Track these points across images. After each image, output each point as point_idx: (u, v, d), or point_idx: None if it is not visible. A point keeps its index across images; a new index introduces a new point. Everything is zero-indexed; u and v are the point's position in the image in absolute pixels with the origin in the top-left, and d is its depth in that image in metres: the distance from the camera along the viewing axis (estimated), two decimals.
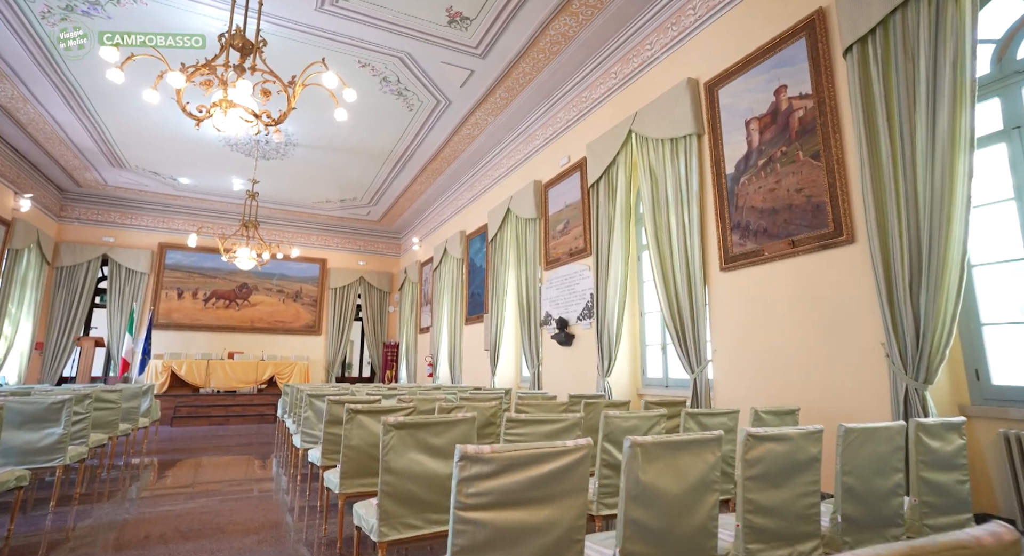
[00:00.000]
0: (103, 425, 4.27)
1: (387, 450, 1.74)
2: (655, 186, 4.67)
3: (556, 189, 6.48)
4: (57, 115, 7.31)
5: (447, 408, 2.61)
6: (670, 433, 2.24)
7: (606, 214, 5.34)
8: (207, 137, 7.93)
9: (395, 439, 1.75)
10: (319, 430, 3.91)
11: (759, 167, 3.68)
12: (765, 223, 3.60)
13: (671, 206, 4.46)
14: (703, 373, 4.01)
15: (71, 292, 10.19)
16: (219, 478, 4.58)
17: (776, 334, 3.53)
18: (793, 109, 3.43)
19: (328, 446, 3.16)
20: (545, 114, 6.75)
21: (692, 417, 2.28)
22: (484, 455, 1.10)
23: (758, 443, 1.44)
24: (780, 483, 1.47)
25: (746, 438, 1.44)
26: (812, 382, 3.24)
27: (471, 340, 8.59)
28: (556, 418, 2.00)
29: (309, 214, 11.92)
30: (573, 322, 5.89)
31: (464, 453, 1.08)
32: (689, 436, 1.35)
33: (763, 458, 1.44)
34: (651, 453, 1.29)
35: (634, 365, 5.38)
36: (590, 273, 5.69)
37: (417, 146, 8.25)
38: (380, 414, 2.47)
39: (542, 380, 6.39)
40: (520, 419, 1.95)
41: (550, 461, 1.17)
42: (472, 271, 8.80)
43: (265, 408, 9.47)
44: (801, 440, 1.51)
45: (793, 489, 1.50)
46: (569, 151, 6.32)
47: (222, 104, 3.24)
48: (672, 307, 4.33)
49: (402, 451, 1.76)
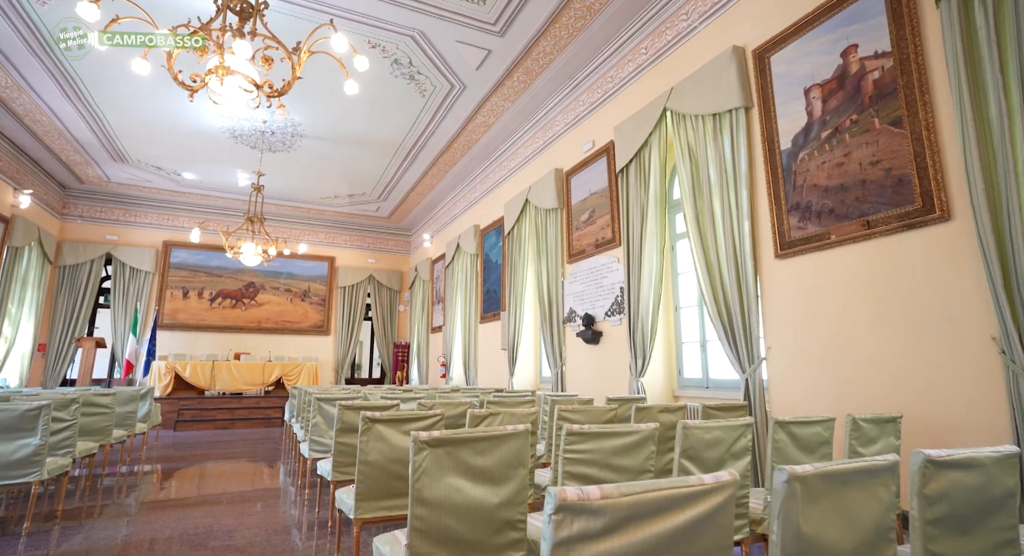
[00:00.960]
0: (94, 432, 3.91)
1: (419, 474, 1.35)
2: (695, 168, 4.25)
3: (579, 177, 6.06)
4: (54, 104, 6.99)
5: (479, 415, 2.22)
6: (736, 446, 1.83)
7: (637, 201, 4.92)
8: (210, 127, 7.60)
9: (429, 460, 1.35)
10: (329, 438, 3.52)
11: (822, 140, 3.25)
12: (831, 202, 3.17)
13: (714, 189, 4.03)
14: (756, 373, 3.58)
15: (74, 292, 9.91)
16: (220, 489, 4.21)
17: (845, 328, 3.10)
18: (866, 71, 3.00)
19: (340, 458, 2.77)
20: (567, 97, 6.33)
21: (782, 427, 1.87)
22: (592, 502, 0.70)
23: (939, 471, 1.03)
24: (969, 528, 1.06)
25: (924, 465, 1.03)
26: (896, 384, 2.80)
27: (487, 339, 8.19)
28: (623, 430, 1.60)
29: (317, 210, 11.58)
30: (600, 318, 5.48)
31: (562, 501, 0.68)
32: (856, 464, 0.94)
33: (947, 493, 1.03)
34: (813, 489, 0.88)
35: (669, 364, 4.96)
36: (619, 265, 5.27)
37: (429, 136, 7.86)
38: (403, 423, 2.07)
39: (565, 381, 5.98)
40: (582, 431, 1.55)
41: (686, 506, 0.76)
42: (487, 267, 8.40)
43: (272, 411, 9.13)
44: (995, 467, 1.09)
45: (987, 536, 1.08)
46: (594, 136, 5.91)
47: (218, 71, 2.87)
48: (718, 301, 3.90)
49: (438, 475, 1.36)
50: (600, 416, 2.46)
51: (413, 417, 2.09)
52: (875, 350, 2.92)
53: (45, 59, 6.04)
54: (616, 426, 1.59)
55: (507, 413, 2.26)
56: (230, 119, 7.37)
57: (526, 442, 1.46)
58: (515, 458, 1.45)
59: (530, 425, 1.49)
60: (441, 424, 2.12)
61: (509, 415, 2.26)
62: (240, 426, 8.61)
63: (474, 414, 2.20)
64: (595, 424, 2.41)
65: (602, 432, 1.57)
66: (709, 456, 1.68)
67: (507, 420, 2.26)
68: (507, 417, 2.25)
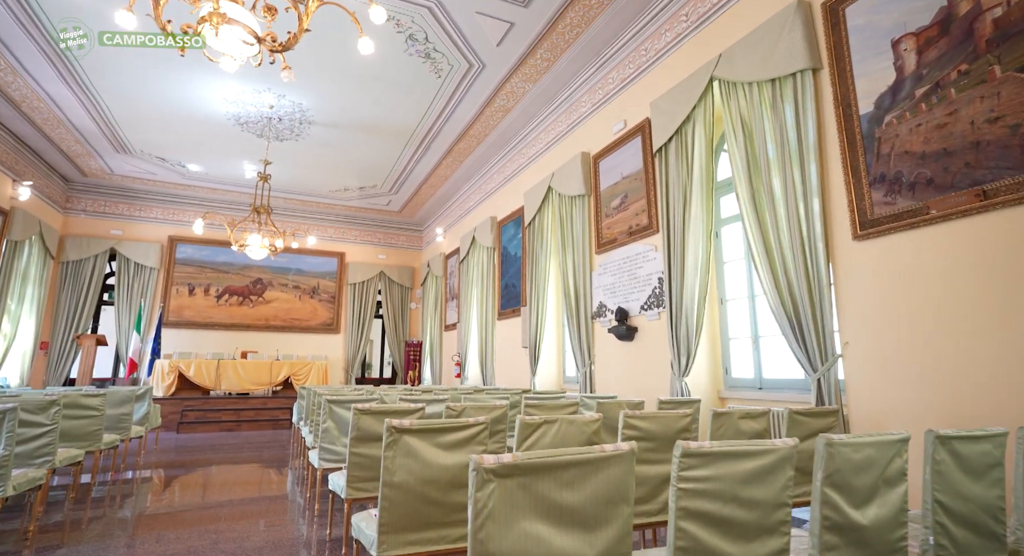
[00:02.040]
0: (80, 437, 3.52)
1: (483, 518, 0.91)
2: (749, 142, 3.77)
3: (609, 160, 5.60)
4: (51, 89, 6.64)
5: (532, 423, 1.77)
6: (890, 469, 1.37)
7: (679, 182, 4.45)
8: (215, 114, 7.22)
9: (498, 497, 0.91)
10: (342, 445, 3.09)
11: (917, 99, 2.77)
12: (929, 171, 2.69)
13: (773, 165, 3.56)
14: (831, 373, 3.10)
15: (77, 288, 9.60)
16: (220, 501, 3.80)
17: (946, 319, 2.62)
18: (982, 9, 2.52)
19: (356, 471, 2.33)
20: (595, 75, 5.87)
21: (943, 443, 1.40)
22: None
23: None
24: None
25: None
26: (1018, 388, 2.32)
27: (505, 336, 7.75)
28: (756, 448, 1.14)
29: (326, 205, 11.20)
30: (635, 312, 5.01)
31: None
32: None
33: None
34: None
35: (714, 363, 4.49)
36: (658, 254, 4.80)
37: (444, 122, 7.43)
38: (437, 434, 1.63)
39: (595, 381, 5.52)
40: (702, 451, 1.09)
41: None
42: (505, 260, 7.96)
43: (280, 412, 8.75)
44: None
45: None
46: (625, 115, 5.44)
47: (212, 19, 2.45)
48: (781, 291, 3.43)
49: (510, 519, 0.92)
50: (673, 424, 2.01)
51: (450, 426, 1.65)
52: (991, 347, 2.44)
53: (39, 38, 5.68)
54: (747, 444, 1.14)
55: (565, 421, 1.81)
56: (235, 104, 6.98)
57: (630, 469, 1.02)
58: (615, 491, 1.00)
59: (633, 446, 1.04)
60: (486, 435, 1.68)
61: (568, 424, 1.81)
62: (246, 428, 8.23)
63: (527, 422, 1.75)
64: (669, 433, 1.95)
65: (731, 452, 1.11)
66: (860, 483, 1.23)
67: (567, 430, 1.81)
68: (567, 426, 1.81)
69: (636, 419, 1.95)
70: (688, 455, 1.09)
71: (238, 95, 6.77)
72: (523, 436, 1.74)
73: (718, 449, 1.13)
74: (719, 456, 1.13)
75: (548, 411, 2.77)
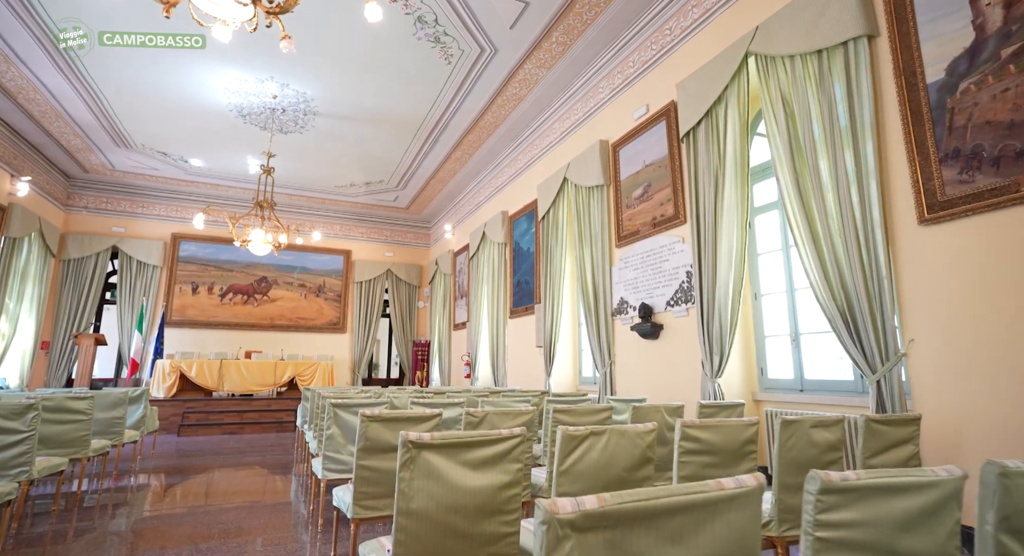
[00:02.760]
0: (66, 443, 3.24)
1: None
2: (791, 121, 3.45)
3: (630, 148, 5.28)
4: (47, 80, 6.40)
5: (578, 436, 1.45)
6: None
7: (709, 168, 4.13)
8: (216, 105, 6.96)
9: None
10: (348, 454, 2.79)
11: (1003, 60, 2.44)
12: (1019, 143, 2.35)
13: (820, 145, 3.24)
14: (893, 374, 2.76)
15: (79, 287, 9.38)
16: (214, 513, 3.51)
17: None
18: None
19: (364, 486, 2.03)
20: (614, 58, 5.55)
21: None
22: None
23: None
24: None
25: None
26: None
27: (517, 335, 7.44)
28: (912, 481, 0.82)
29: (332, 201, 10.94)
30: (661, 309, 4.68)
31: None
32: None
33: None
34: None
35: (747, 362, 4.16)
36: (685, 246, 4.48)
37: (454, 113, 7.13)
38: (465, 449, 1.32)
39: (615, 382, 5.20)
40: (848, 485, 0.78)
41: None
42: (518, 256, 7.65)
43: (284, 414, 8.48)
44: None
45: None
46: (647, 99, 5.12)
47: None
48: (831, 283, 3.10)
49: None
50: (738, 435, 1.69)
51: (479, 440, 1.35)
52: None
53: (32, 26, 5.43)
54: (899, 474, 0.83)
55: (614, 432, 1.50)
56: (237, 94, 6.72)
57: (757, 512, 0.71)
58: (738, 546, 0.70)
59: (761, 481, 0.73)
60: (523, 450, 1.38)
61: (618, 435, 1.50)
62: (250, 431, 7.96)
63: (571, 435, 1.43)
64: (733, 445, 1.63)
65: (884, 485, 0.80)
66: None
67: (618, 444, 1.50)
68: (617, 438, 1.50)
69: (696, 429, 1.64)
70: (829, 491, 0.78)
71: (240, 84, 6.51)
72: (566, 451, 1.44)
73: (869, 482, 0.81)
74: (870, 491, 0.81)
75: (578, 416, 2.45)
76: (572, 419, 2.40)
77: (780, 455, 1.72)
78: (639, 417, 2.60)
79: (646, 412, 2.65)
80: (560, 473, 1.44)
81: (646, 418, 2.60)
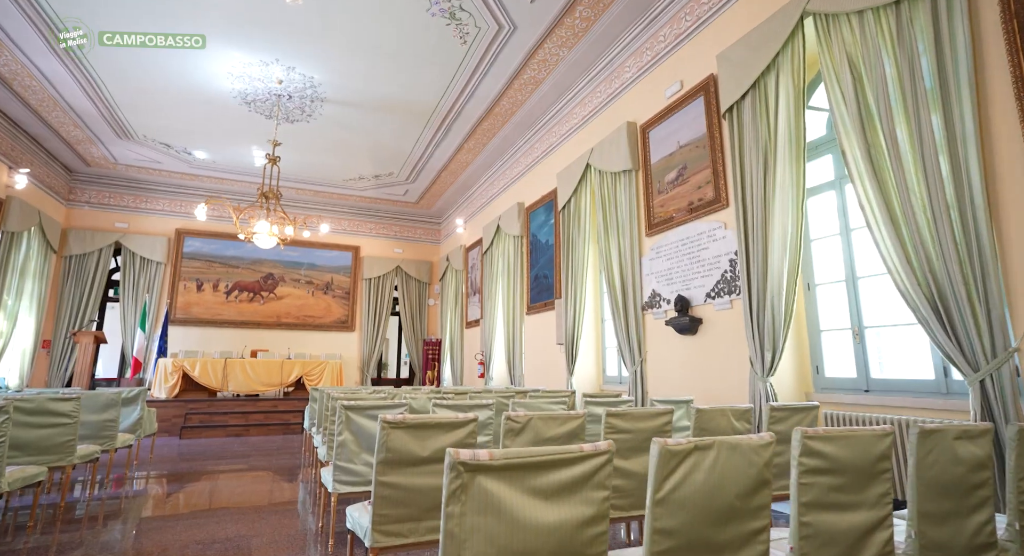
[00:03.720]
0: (47, 449, 2.90)
1: None
2: (860, 86, 3.05)
3: (661, 128, 4.89)
4: (43, 66, 6.10)
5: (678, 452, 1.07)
6: None
7: (757, 144, 3.73)
8: (219, 91, 6.63)
9: None
10: (363, 464, 2.42)
11: None
12: None
13: (897, 110, 2.84)
14: (1001, 374, 2.36)
15: (81, 284, 9.11)
16: (207, 531, 3.15)
17: None
18: None
19: (387, 509, 1.66)
20: (642, 34, 5.16)
21: None
22: None
23: None
24: None
25: None
26: None
27: (535, 332, 7.06)
28: None
29: (339, 195, 10.61)
30: (700, 301, 4.29)
31: None
32: None
33: None
34: None
35: (800, 359, 3.76)
36: (728, 232, 4.08)
37: (468, 98, 6.76)
38: (538, 472, 0.95)
39: (646, 381, 4.81)
40: None
41: None
42: (535, 249, 7.27)
43: (291, 415, 8.14)
44: None
45: None
46: (681, 75, 4.73)
47: None
48: (914, 267, 2.70)
49: None
50: (870, 448, 1.31)
51: (557, 458, 0.97)
52: None
53: (26, 6, 5.12)
54: None
55: (724, 445, 1.11)
56: (241, 79, 6.38)
57: None
58: None
59: None
60: (608, 472, 1.00)
61: (730, 450, 1.11)
62: (255, 433, 7.63)
63: (670, 450, 1.04)
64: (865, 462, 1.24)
65: None
66: None
67: (728, 462, 1.12)
68: (728, 454, 1.11)
69: (820, 441, 1.25)
70: None
71: (244, 68, 6.17)
72: (664, 473, 1.06)
73: None
74: None
75: (634, 421, 2.07)
76: (629, 424, 2.03)
77: (918, 475, 1.34)
78: (704, 422, 2.21)
79: (711, 416, 2.26)
80: (656, 502, 1.06)
81: (711, 423, 2.22)
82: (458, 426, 1.77)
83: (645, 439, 2.12)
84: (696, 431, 2.18)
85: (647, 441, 2.15)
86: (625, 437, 2.08)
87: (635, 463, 2.11)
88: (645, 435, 2.11)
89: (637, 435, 2.09)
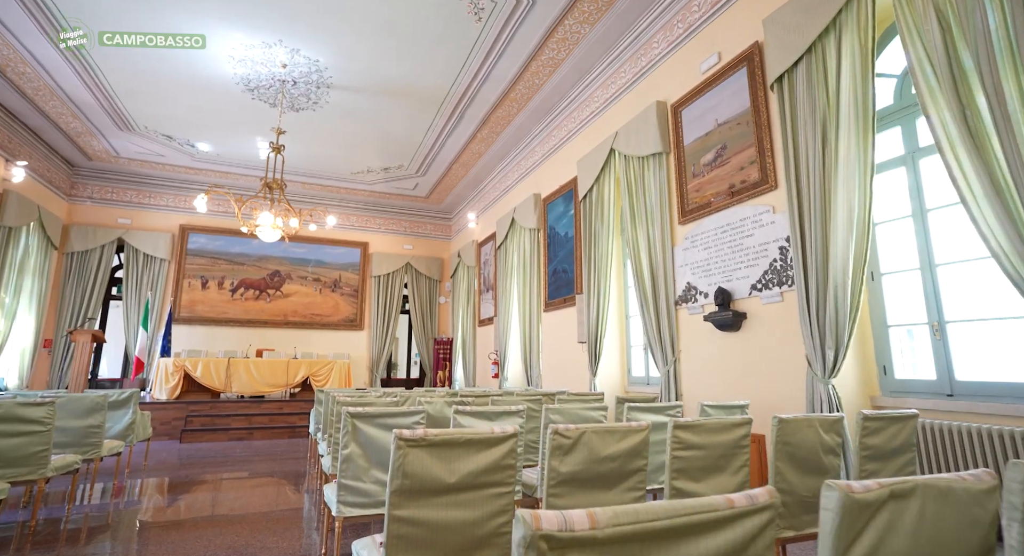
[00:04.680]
0: (16, 461, 2.54)
1: None
2: (950, 38, 2.62)
3: (696, 106, 4.46)
4: (37, 52, 5.80)
5: (867, 502, 0.70)
6: None
7: (813, 117, 3.31)
8: (221, 77, 6.30)
9: None
10: (372, 482, 2.03)
11: None
12: None
13: (1004, 63, 2.40)
14: None
15: (83, 281, 8.84)
16: (203, 551, 2.79)
17: None
18: None
19: (403, 552, 1.26)
20: (672, 7, 4.75)
21: None
22: None
23: None
24: None
25: None
26: None
27: (554, 330, 6.66)
28: None
29: (347, 189, 10.27)
30: (743, 294, 3.87)
31: None
32: None
33: None
34: None
35: (864, 359, 3.32)
36: (778, 216, 3.65)
37: (483, 81, 6.37)
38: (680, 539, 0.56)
39: (680, 383, 4.39)
40: None
41: None
42: (553, 243, 6.86)
43: (297, 418, 7.80)
44: None
45: None
46: (719, 46, 4.30)
47: None
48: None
49: None
50: None
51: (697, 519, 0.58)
52: None
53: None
54: None
55: (929, 489, 0.70)
56: (243, 64, 6.04)
57: None
58: None
59: None
60: (773, 535, 0.62)
61: (939, 495, 0.72)
62: (259, 436, 7.29)
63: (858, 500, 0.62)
64: None
65: None
66: None
67: (940, 512, 0.72)
68: (937, 503, 0.72)
69: None
70: None
71: (246, 51, 5.83)
72: (852, 532, 0.64)
73: None
74: None
75: (705, 435, 1.67)
76: (701, 439, 1.63)
77: None
78: (786, 434, 1.78)
79: (796, 428, 1.83)
80: None
81: (795, 436, 1.79)
82: (494, 443, 1.38)
83: (720, 456, 1.71)
84: (778, 446, 1.77)
85: (722, 459, 1.74)
86: (696, 455, 1.67)
87: (707, 486, 1.70)
88: (719, 451, 1.70)
89: (711, 451, 1.68)
